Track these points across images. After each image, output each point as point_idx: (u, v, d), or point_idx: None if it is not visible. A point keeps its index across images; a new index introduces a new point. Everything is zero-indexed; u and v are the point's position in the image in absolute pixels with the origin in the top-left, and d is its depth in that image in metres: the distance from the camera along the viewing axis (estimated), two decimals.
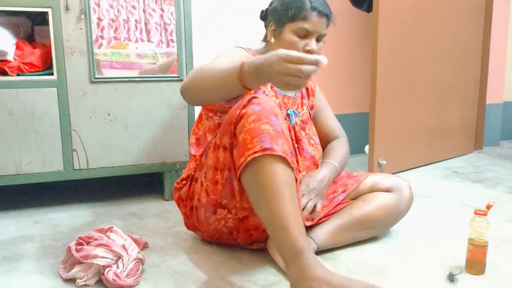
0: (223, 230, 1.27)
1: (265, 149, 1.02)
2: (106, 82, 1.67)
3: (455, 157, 2.59)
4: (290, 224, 1.00)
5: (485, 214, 1.16)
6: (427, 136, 2.40)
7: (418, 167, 2.37)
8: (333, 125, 1.56)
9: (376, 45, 2.05)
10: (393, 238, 1.43)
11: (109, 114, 1.69)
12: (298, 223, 1.01)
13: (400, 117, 2.23)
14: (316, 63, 0.95)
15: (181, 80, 1.75)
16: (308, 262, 0.96)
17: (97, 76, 1.65)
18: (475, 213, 1.16)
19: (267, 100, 1.10)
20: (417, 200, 1.69)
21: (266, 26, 1.41)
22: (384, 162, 2.14)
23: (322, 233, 1.29)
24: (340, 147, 1.49)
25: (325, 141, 1.53)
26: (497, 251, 1.29)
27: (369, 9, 2.30)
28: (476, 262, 1.18)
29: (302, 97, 1.47)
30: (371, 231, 1.38)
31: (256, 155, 1.02)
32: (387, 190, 1.38)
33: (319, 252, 1.27)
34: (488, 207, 1.17)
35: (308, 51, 1.28)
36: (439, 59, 2.37)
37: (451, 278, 1.14)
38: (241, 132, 1.07)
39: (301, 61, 0.93)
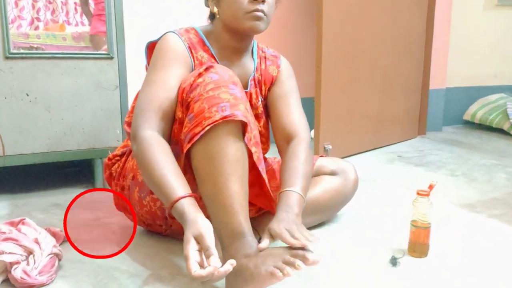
0: (157, 214, 1.15)
1: (225, 117, 0.95)
2: (23, 58, 1.49)
3: (399, 142, 2.59)
4: (236, 205, 0.95)
5: (427, 195, 1.11)
6: (372, 121, 2.38)
7: (364, 152, 2.34)
8: (294, 120, 1.22)
9: (321, 28, 1.99)
10: (337, 223, 1.37)
11: (27, 95, 1.52)
12: (244, 207, 0.96)
13: (345, 102, 2.19)
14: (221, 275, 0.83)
15: (111, 58, 1.60)
16: (247, 243, 0.93)
17: (12, 51, 1.47)
18: (418, 193, 1.12)
19: (224, 69, 1.03)
20: (362, 184, 1.64)
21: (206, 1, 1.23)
22: (330, 147, 2.09)
23: (266, 223, 1.19)
24: (302, 164, 1.12)
25: (282, 139, 1.22)
26: (439, 234, 1.26)
27: None
28: (419, 245, 1.13)
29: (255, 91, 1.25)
30: (317, 217, 1.31)
31: (216, 123, 0.94)
32: (332, 173, 1.34)
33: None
34: (431, 187, 1.12)
35: (254, 1, 1.06)
36: (383, 45, 2.34)
37: (394, 262, 1.09)
38: (197, 101, 0.97)
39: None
